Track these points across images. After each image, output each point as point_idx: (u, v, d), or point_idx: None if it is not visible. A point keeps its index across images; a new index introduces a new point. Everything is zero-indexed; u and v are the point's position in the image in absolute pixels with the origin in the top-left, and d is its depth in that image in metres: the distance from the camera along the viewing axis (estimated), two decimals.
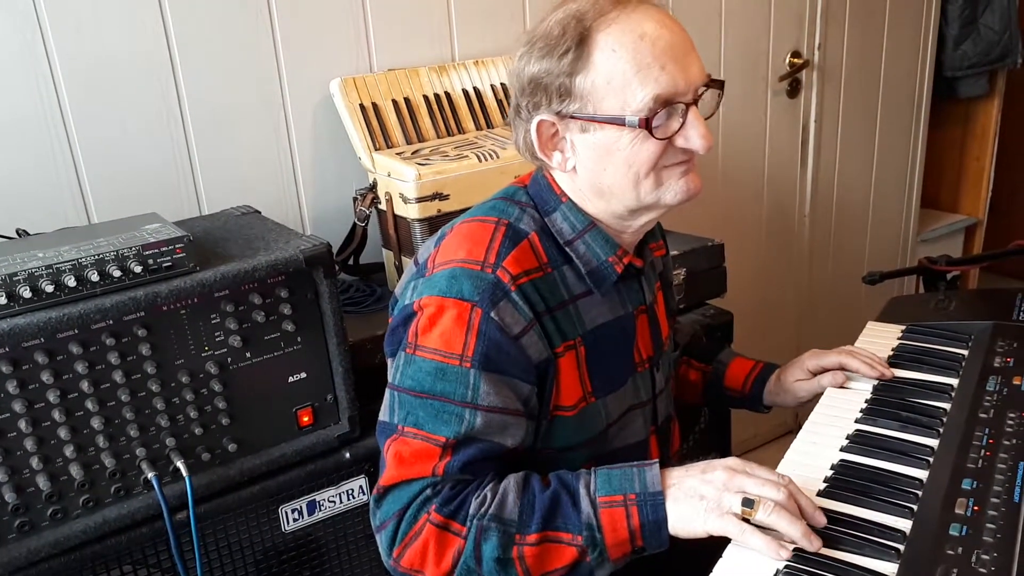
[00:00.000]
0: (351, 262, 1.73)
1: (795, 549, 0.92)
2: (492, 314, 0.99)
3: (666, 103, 0.99)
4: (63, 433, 1.13)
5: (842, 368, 1.29)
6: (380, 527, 1.01)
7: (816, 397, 1.28)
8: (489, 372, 0.99)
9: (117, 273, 1.12)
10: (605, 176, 1.05)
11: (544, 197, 1.10)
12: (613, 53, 0.98)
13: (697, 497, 0.95)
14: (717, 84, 1.05)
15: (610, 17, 0.99)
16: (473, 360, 0.98)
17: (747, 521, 0.92)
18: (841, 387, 1.27)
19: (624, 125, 0.99)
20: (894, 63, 2.83)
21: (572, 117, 1.02)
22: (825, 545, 0.92)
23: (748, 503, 0.92)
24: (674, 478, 0.98)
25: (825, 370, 1.30)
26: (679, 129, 1.01)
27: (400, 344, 1.05)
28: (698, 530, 0.94)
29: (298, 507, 1.34)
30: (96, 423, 1.14)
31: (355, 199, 1.68)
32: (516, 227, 1.06)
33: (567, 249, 1.08)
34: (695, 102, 1.02)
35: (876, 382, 1.26)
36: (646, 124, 0.99)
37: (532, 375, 1.02)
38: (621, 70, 0.98)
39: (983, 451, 1.04)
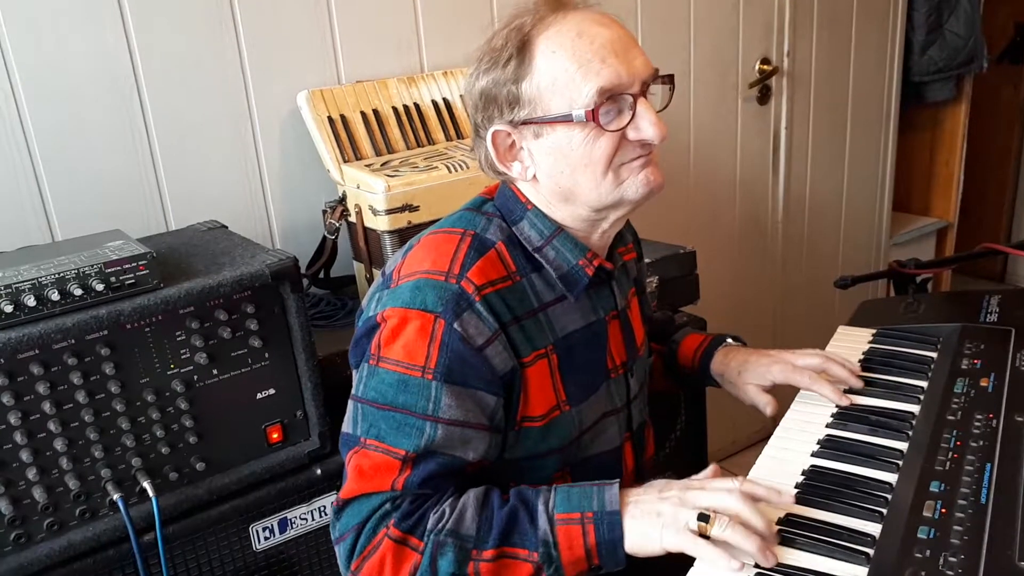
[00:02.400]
0: (321, 275, 1.71)
1: None
2: (455, 325, 0.98)
3: (611, 95, 1.00)
4: (25, 456, 1.10)
5: (811, 390, 1.25)
6: (339, 539, 1.01)
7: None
8: (451, 384, 0.98)
9: (78, 292, 1.11)
10: (563, 179, 1.05)
11: (510, 207, 1.10)
12: (553, 54, 1.00)
13: (654, 514, 0.95)
14: (666, 79, 1.06)
15: (548, 21, 1.01)
16: (435, 372, 0.98)
17: (705, 537, 0.92)
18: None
19: (573, 122, 1.00)
20: (862, 69, 2.86)
21: (524, 123, 1.03)
22: (795, 550, 0.92)
23: (704, 518, 0.92)
24: (632, 497, 0.98)
25: (791, 385, 1.27)
26: (630, 121, 1.01)
27: (364, 355, 1.04)
28: (655, 547, 0.94)
29: (269, 525, 1.32)
30: (59, 444, 1.12)
31: (324, 212, 1.66)
32: (482, 237, 1.06)
33: (537, 256, 1.08)
34: (643, 94, 1.02)
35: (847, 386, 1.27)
36: (593, 116, 0.99)
37: (497, 386, 1.01)
38: (563, 68, 0.99)
39: (951, 453, 1.04)
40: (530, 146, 1.05)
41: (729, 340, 1.37)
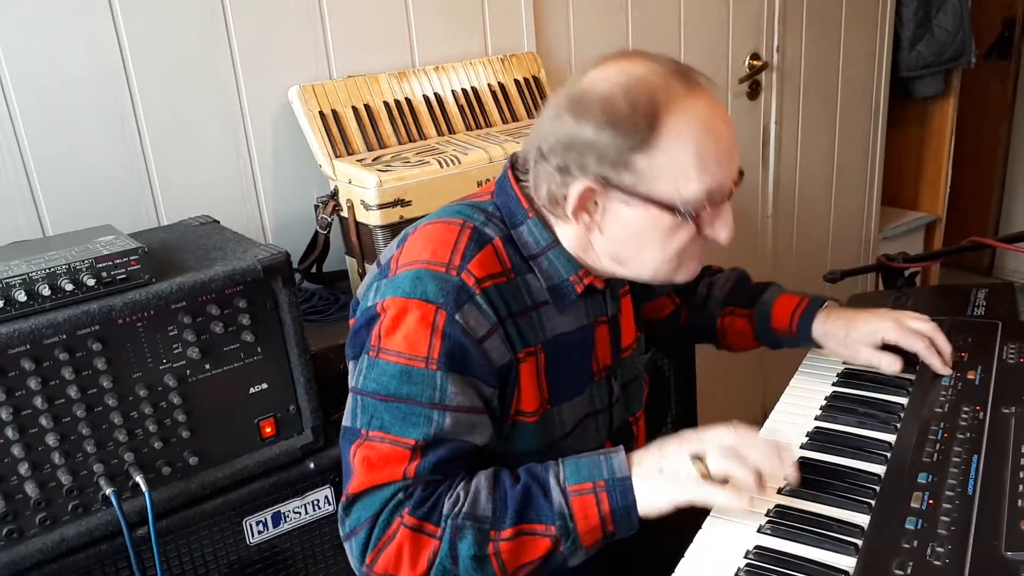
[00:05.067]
0: (314, 270, 1.71)
1: (756, 545, 0.93)
2: (457, 317, 0.98)
3: (712, 197, 1.00)
4: (16, 451, 1.10)
5: (919, 355, 1.23)
6: (350, 534, 1.00)
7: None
8: (454, 373, 0.99)
9: (69, 287, 1.10)
10: (627, 248, 1.05)
11: (512, 209, 1.09)
12: (679, 140, 0.97)
13: (657, 471, 0.97)
14: (740, 175, 1.06)
15: (681, 101, 0.97)
16: (439, 362, 0.98)
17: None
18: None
19: (673, 211, 0.99)
20: (851, 64, 2.87)
21: (619, 189, 1.00)
22: (784, 540, 0.93)
23: (698, 459, 0.95)
24: (636, 459, 1.00)
25: (901, 346, 1.24)
26: (710, 220, 1.02)
27: (363, 347, 1.04)
28: (663, 504, 0.96)
29: (263, 519, 1.32)
30: (51, 440, 1.12)
31: (316, 207, 1.66)
32: (481, 231, 1.06)
33: (530, 262, 1.08)
34: (729, 196, 1.02)
35: (835, 378, 1.28)
36: (696, 218, 0.99)
37: (494, 379, 1.02)
38: (684, 159, 0.97)
39: (938, 445, 1.05)
40: (608, 206, 1.02)
41: (828, 302, 1.33)
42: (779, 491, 1.02)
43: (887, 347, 1.24)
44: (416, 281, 1.00)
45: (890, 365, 1.23)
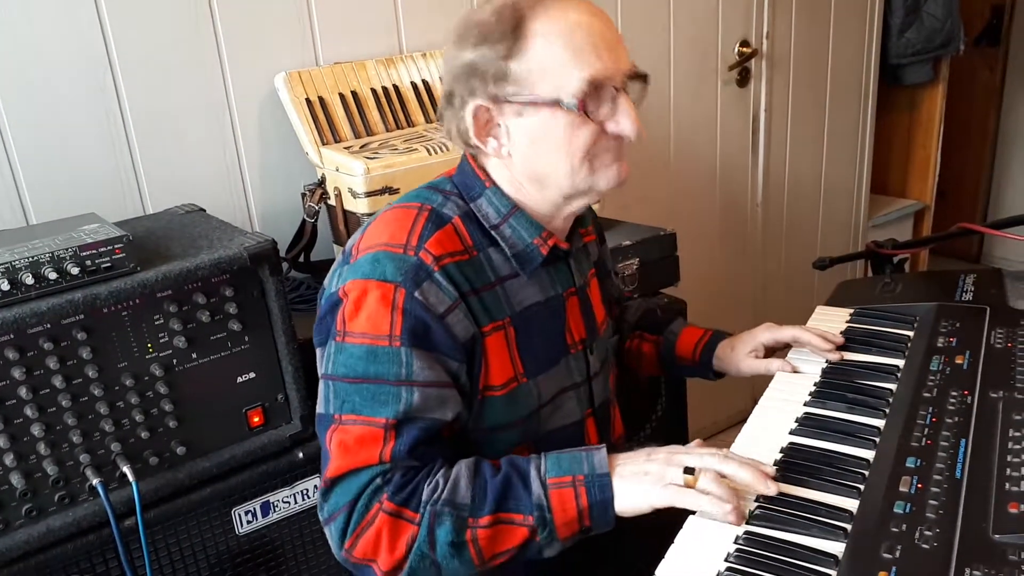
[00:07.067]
0: (301, 259, 1.70)
1: (745, 532, 0.93)
2: (416, 294, 1.00)
3: (598, 87, 1.02)
4: (1, 442, 1.10)
5: (796, 341, 1.32)
6: (329, 519, 1.01)
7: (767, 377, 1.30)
8: (418, 348, 1.00)
9: (53, 275, 1.09)
10: (540, 161, 1.07)
11: (469, 184, 1.11)
12: (547, 38, 1.01)
13: (641, 474, 0.98)
14: (642, 77, 1.08)
15: (544, 4, 1.03)
16: (401, 338, 0.99)
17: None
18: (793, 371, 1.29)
19: (560, 107, 1.02)
20: (841, 51, 2.87)
21: (508, 101, 1.03)
22: (773, 527, 0.93)
23: (690, 471, 0.96)
24: (620, 460, 1.01)
25: (778, 342, 1.34)
26: (610, 115, 1.04)
27: (329, 333, 1.05)
28: (642, 505, 0.97)
29: (251, 509, 1.32)
30: (36, 430, 1.12)
31: (304, 195, 1.65)
32: (439, 212, 1.08)
33: (493, 233, 1.10)
34: (624, 88, 1.05)
35: (825, 364, 1.28)
36: (583, 107, 1.01)
37: (460, 353, 1.03)
38: (556, 55, 1.01)
39: (927, 429, 1.06)
40: (509, 124, 1.06)
41: (727, 336, 1.41)
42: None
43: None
44: (375, 263, 1.02)
45: (780, 367, 1.30)
